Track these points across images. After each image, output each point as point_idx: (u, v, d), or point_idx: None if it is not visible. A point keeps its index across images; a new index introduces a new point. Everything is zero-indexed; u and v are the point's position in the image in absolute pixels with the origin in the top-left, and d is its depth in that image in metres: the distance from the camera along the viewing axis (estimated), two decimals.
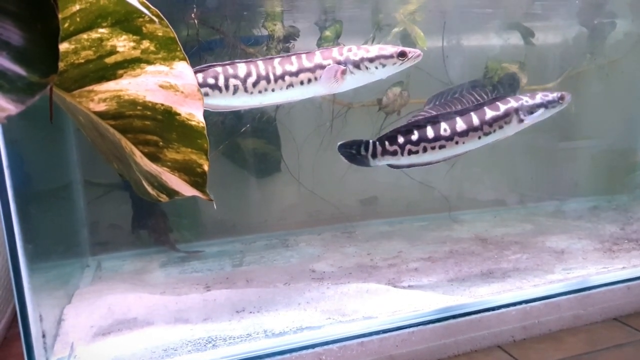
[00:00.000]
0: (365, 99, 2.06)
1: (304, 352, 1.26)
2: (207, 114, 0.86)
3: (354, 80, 1.36)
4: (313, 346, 1.27)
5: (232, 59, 1.35)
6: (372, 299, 1.49)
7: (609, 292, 1.58)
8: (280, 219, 2.25)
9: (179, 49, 0.80)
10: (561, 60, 2.40)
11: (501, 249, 1.95)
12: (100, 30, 0.78)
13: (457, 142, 1.43)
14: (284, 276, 1.72)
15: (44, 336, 1.15)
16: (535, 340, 1.46)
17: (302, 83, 1.33)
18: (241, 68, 1.32)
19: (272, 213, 2.23)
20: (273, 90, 1.34)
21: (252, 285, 1.65)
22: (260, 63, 1.33)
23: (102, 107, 0.83)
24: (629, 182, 2.71)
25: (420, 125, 1.44)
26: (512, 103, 1.46)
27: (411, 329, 1.35)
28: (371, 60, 1.34)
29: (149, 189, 0.93)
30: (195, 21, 1.73)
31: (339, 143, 1.48)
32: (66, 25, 0.76)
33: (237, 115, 1.95)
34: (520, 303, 1.47)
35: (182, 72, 0.81)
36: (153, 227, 1.97)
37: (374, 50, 1.35)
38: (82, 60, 0.79)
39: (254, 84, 1.32)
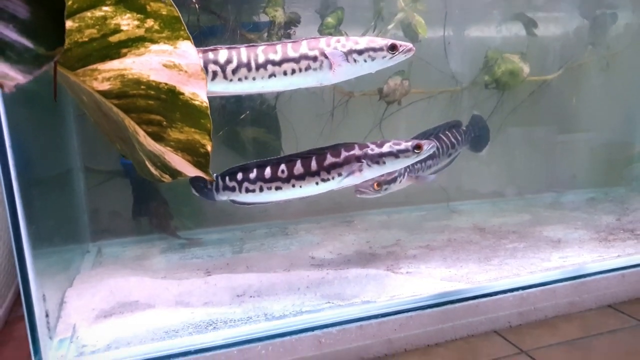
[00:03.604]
0: (367, 87, 2.06)
1: (304, 334, 1.28)
2: (209, 98, 0.86)
3: (342, 73, 1.30)
4: (312, 329, 1.29)
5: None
6: (371, 284, 1.50)
7: (604, 280, 1.60)
8: (279, 208, 2.25)
9: (183, 28, 0.80)
10: (562, 51, 2.40)
11: (499, 238, 1.96)
12: (104, 8, 0.78)
13: (293, 185, 1.41)
14: (284, 262, 1.73)
15: (47, 315, 1.16)
16: (531, 326, 1.48)
17: (285, 73, 1.27)
18: (222, 54, 1.25)
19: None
20: (254, 78, 1.27)
21: (252, 271, 1.66)
22: (243, 50, 1.26)
23: (105, 86, 0.83)
24: (626, 175, 2.73)
25: (260, 165, 1.43)
26: (356, 151, 1.40)
27: (409, 314, 1.37)
28: (360, 52, 1.28)
29: (152, 169, 0.93)
30: (196, 6, 1.73)
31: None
32: (70, 2, 0.76)
33: (237, 103, 1.95)
34: (516, 289, 1.49)
35: (186, 52, 0.81)
36: (153, 214, 1.98)
37: (363, 42, 1.28)
38: (86, 39, 0.79)
39: (234, 71, 1.25)
